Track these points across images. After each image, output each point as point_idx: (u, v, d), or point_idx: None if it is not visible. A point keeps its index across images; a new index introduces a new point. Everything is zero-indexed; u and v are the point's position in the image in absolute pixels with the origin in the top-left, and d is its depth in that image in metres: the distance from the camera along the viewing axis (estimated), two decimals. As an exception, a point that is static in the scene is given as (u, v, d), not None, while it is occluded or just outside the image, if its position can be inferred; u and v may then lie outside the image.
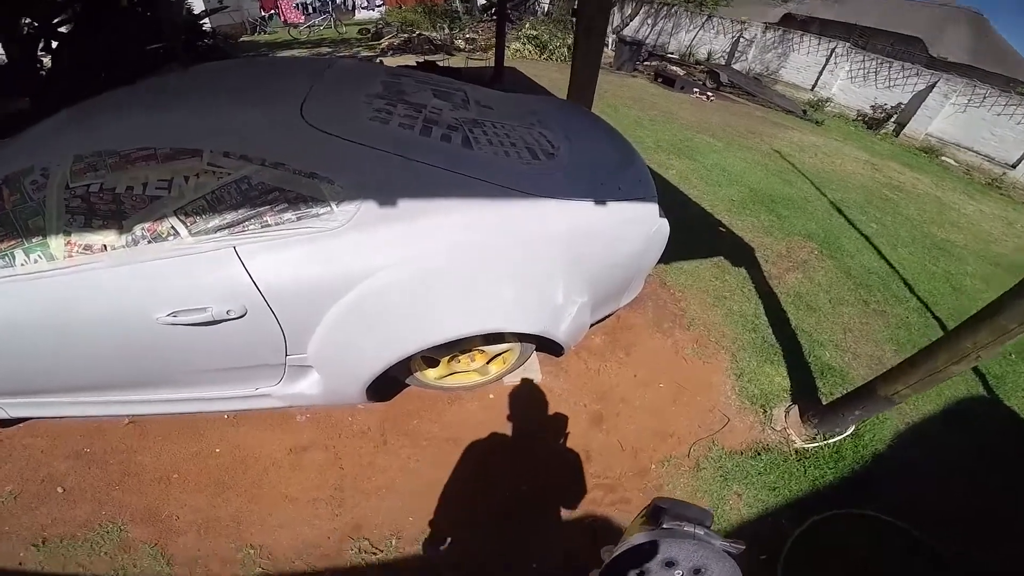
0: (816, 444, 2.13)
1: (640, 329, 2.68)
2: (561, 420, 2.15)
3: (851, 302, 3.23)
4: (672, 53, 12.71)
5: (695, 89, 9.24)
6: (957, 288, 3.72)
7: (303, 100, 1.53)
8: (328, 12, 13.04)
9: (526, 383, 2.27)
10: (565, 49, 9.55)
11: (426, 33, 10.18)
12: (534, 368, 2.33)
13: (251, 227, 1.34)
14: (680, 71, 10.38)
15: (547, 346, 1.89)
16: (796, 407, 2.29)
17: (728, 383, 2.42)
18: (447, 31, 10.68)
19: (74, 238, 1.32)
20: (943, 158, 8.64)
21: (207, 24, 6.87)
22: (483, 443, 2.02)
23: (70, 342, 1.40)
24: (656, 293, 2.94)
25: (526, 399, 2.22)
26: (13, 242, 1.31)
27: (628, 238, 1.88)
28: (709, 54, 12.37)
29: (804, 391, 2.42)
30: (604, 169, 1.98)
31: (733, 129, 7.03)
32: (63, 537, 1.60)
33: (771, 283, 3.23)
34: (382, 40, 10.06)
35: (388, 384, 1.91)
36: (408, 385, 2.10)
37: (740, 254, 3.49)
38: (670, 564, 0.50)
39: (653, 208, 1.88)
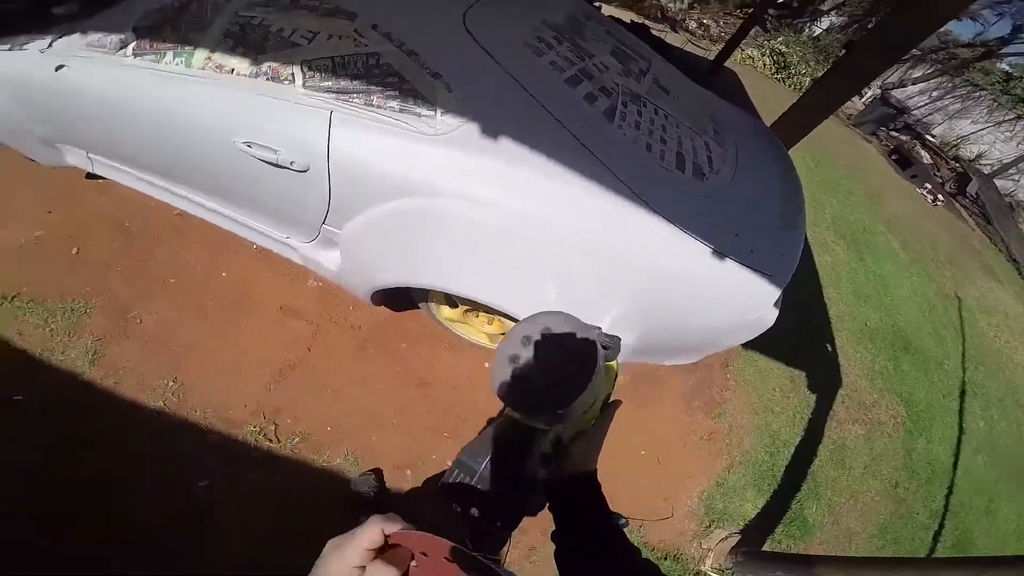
0: (718, 578, 1.88)
1: (668, 391, 2.37)
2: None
3: (883, 476, 2.76)
4: (933, 136, 10.21)
5: (927, 184, 7.41)
6: (991, 513, 3.02)
7: (473, 3, 1.43)
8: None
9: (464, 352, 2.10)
10: (808, 79, 8.20)
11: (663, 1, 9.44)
12: None
13: (355, 100, 1.32)
14: (927, 158, 8.36)
15: None
16: (738, 537, 2.07)
17: (702, 485, 2.21)
18: (685, 5, 9.78)
19: (215, 56, 1.43)
20: None
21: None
22: (448, 401, 1.92)
23: (164, 131, 1.56)
24: (710, 368, 2.56)
25: (456, 364, 2.07)
26: (170, 45, 1.47)
27: (719, 310, 1.48)
28: (978, 156, 9.73)
29: (759, 528, 2.21)
30: (752, 220, 1.54)
31: (933, 247, 5.57)
32: (32, 298, 1.78)
33: (828, 423, 2.79)
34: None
35: (403, 298, 1.86)
36: (419, 308, 2.02)
37: (823, 382, 2.94)
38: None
39: (772, 294, 1.42)
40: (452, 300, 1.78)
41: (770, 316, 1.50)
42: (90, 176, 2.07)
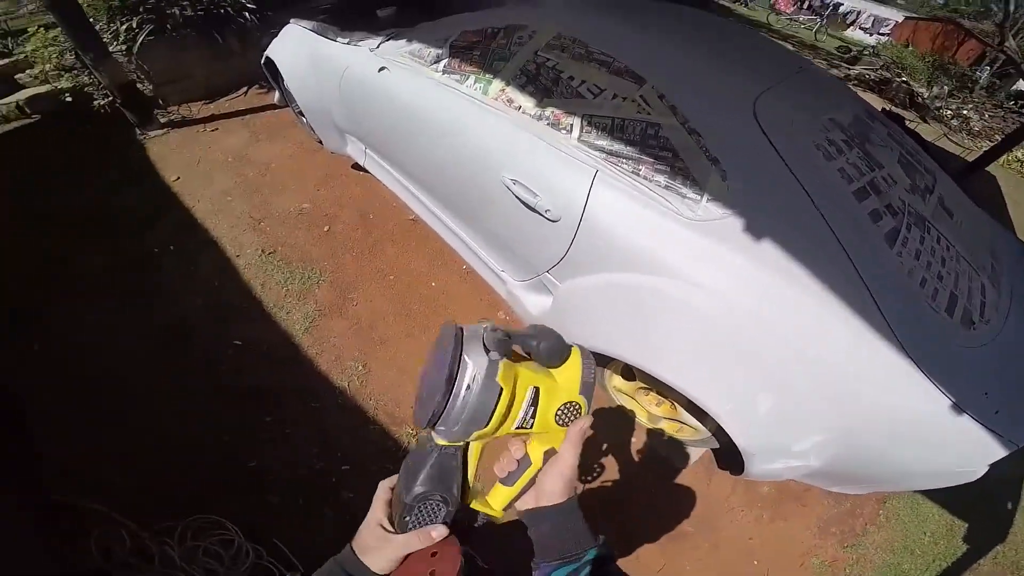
0: None
1: (809, 511, 2.03)
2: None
3: None
4: None
5: None
6: None
7: (764, 90, 1.36)
8: (822, 15, 11.73)
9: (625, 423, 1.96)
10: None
11: (914, 85, 8.16)
12: (688, 454, 1.97)
13: (623, 165, 1.34)
14: None
15: (730, 461, 1.53)
16: None
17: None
18: (945, 94, 8.32)
19: (508, 90, 1.59)
20: None
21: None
22: (585, 455, 1.85)
23: (442, 146, 1.76)
24: (865, 500, 2.16)
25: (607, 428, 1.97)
26: (476, 69, 1.68)
27: (931, 458, 1.28)
28: None
29: None
30: (1008, 383, 1.27)
31: None
32: (283, 258, 2.12)
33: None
34: (855, 66, 8.59)
35: None
36: None
37: (983, 536, 2.27)
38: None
39: (995, 456, 1.19)
40: (631, 373, 1.73)
41: (978, 473, 1.27)
42: (355, 167, 2.51)
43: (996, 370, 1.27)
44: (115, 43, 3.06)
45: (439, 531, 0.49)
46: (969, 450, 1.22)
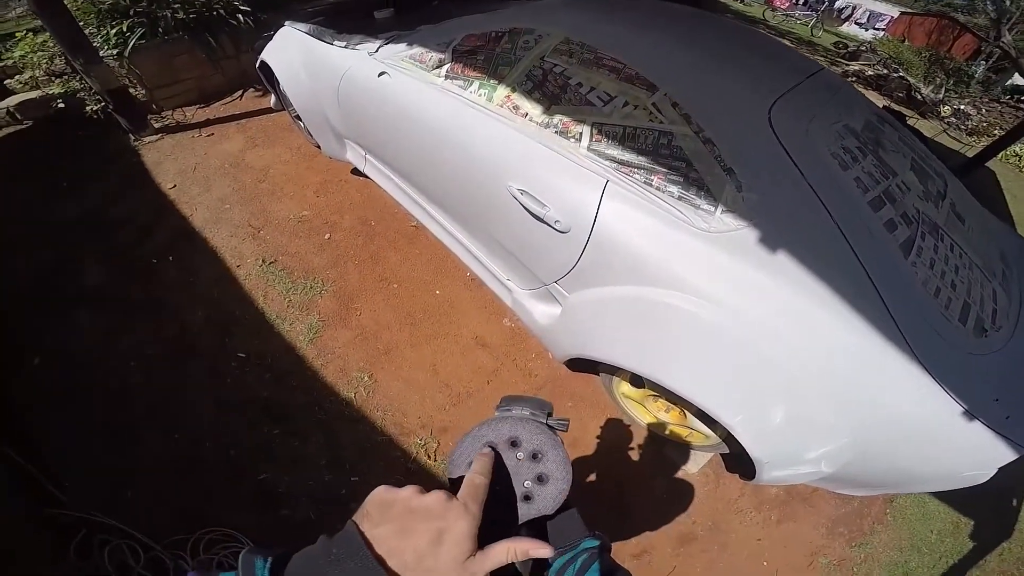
0: None
1: (817, 513, 2.04)
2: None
3: None
4: None
5: None
6: None
7: (778, 97, 1.34)
8: (818, 11, 11.71)
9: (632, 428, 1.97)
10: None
11: (912, 80, 8.17)
12: (696, 458, 1.97)
13: (635, 175, 1.31)
14: None
15: (740, 465, 1.54)
16: None
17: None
18: (942, 90, 8.33)
19: (513, 96, 1.55)
20: None
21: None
22: (594, 464, 1.84)
23: (447, 153, 1.72)
24: (872, 500, 2.18)
25: (614, 434, 1.97)
26: (480, 74, 1.63)
27: (940, 463, 1.28)
28: None
29: None
30: (1019, 389, 1.27)
31: None
32: (284, 267, 2.09)
33: (971, 571, 2.15)
34: (853, 63, 8.58)
35: (587, 363, 1.80)
36: (596, 375, 1.99)
37: (989, 533, 2.30)
38: (514, 443, 0.55)
39: (1003, 460, 1.20)
40: (639, 380, 1.72)
41: (986, 476, 1.29)
42: (355, 172, 2.47)
43: (1007, 376, 1.27)
44: (106, 47, 3.00)
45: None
46: (980, 454, 1.22)
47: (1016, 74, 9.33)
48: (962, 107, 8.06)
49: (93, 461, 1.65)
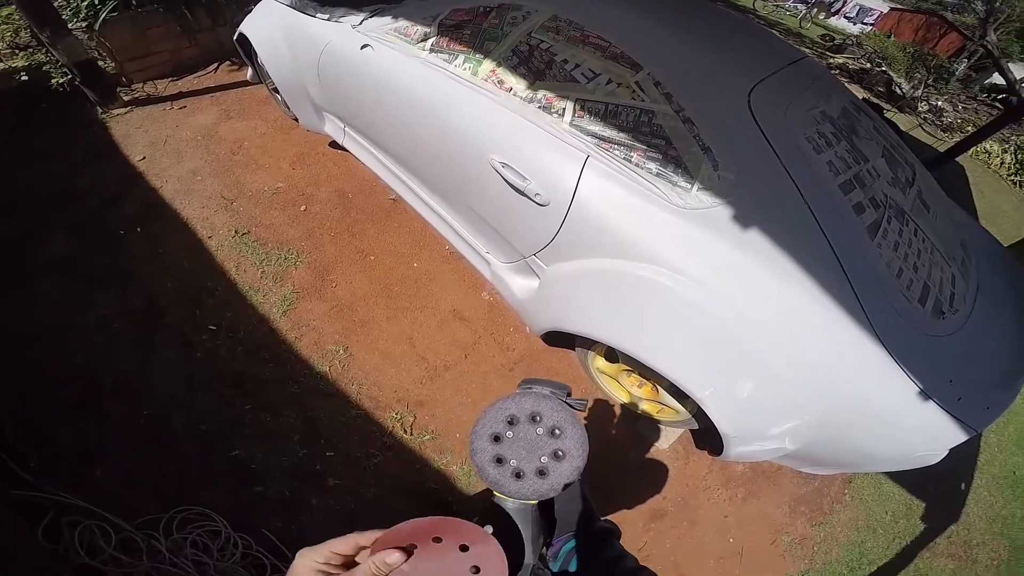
0: None
1: (780, 491, 2.11)
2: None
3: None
4: None
5: None
6: None
7: (758, 81, 1.36)
8: (808, 2, 11.75)
9: (606, 404, 2.01)
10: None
11: (892, 75, 8.30)
12: (667, 434, 2.03)
13: (615, 151, 1.33)
14: None
15: (709, 442, 1.61)
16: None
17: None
18: (921, 86, 8.50)
19: (499, 71, 1.53)
20: None
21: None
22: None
23: (429, 126, 1.71)
24: (832, 480, 2.28)
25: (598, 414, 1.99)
26: (465, 48, 1.61)
27: (895, 443, 1.35)
28: None
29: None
30: (972, 371, 1.34)
31: None
32: (258, 239, 2.04)
33: (922, 553, 2.29)
34: (838, 56, 8.67)
35: (563, 338, 1.82)
36: (572, 350, 2.01)
37: (939, 515, 2.44)
38: (535, 418, 0.57)
39: (955, 441, 1.28)
40: (614, 355, 1.75)
41: (937, 457, 1.36)
42: (333, 145, 2.40)
43: (961, 358, 1.33)
44: (75, 20, 2.84)
45: None
46: (933, 435, 1.28)
47: (996, 73, 9.55)
48: (939, 103, 8.25)
49: (60, 439, 1.61)
